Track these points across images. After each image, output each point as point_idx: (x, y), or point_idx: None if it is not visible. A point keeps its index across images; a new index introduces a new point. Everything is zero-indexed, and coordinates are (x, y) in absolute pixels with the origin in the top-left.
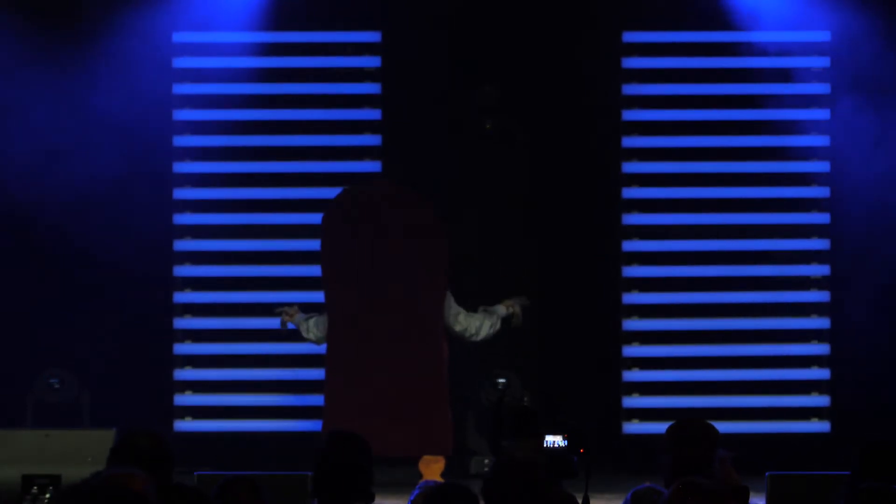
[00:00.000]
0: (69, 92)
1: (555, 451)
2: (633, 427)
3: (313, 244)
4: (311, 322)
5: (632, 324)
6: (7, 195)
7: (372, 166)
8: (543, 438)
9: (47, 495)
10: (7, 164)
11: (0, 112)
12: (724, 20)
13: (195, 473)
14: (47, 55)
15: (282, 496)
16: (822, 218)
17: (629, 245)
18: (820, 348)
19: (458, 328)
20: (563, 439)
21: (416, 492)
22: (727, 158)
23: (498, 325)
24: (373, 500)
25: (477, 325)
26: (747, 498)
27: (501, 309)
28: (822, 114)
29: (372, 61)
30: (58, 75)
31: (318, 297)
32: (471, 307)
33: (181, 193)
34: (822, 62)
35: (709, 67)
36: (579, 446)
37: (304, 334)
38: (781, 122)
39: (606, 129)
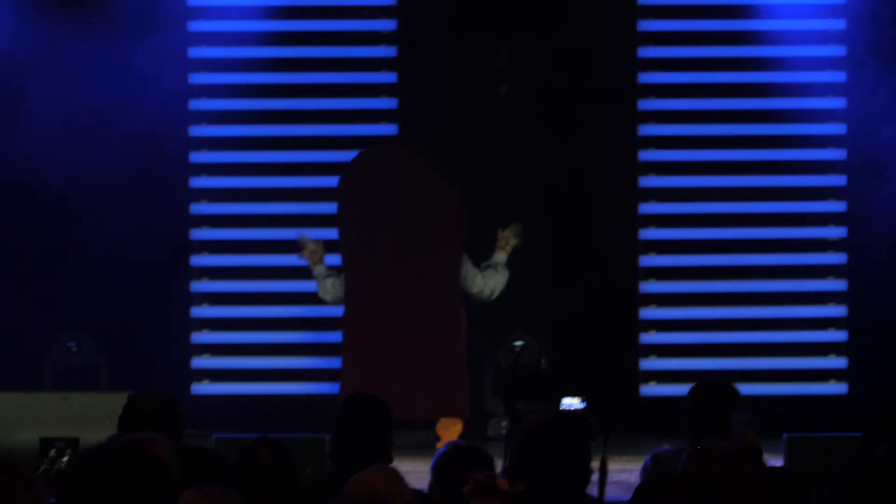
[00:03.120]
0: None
1: (572, 413)
2: (650, 389)
3: (330, 207)
4: (329, 282)
5: (649, 286)
6: (28, 161)
7: (388, 129)
8: (560, 401)
9: (65, 458)
10: (27, 131)
11: (24, 80)
12: None
13: (213, 436)
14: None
15: (299, 458)
16: (839, 180)
17: (646, 207)
18: (838, 310)
19: (474, 289)
20: (581, 401)
21: (438, 453)
22: (744, 121)
23: (507, 275)
24: (391, 462)
25: (492, 284)
26: (761, 460)
27: (501, 256)
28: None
29: (388, 24)
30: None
31: (335, 260)
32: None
33: (197, 157)
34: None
35: (727, 29)
36: (597, 408)
37: (321, 293)
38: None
39: (620, 91)
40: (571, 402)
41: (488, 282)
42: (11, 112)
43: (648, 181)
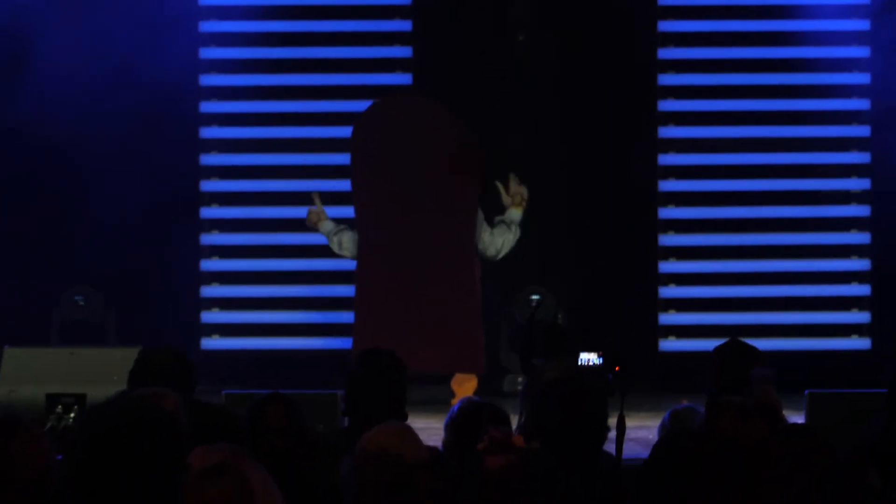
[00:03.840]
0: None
1: (590, 368)
2: (669, 344)
3: (343, 158)
4: (347, 237)
5: (668, 239)
6: (36, 112)
7: (403, 79)
8: (577, 356)
9: (72, 415)
10: (34, 81)
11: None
12: None
13: (223, 392)
14: None
15: (311, 415)
16: (863, 131)
17: (665, 159)
18: (860, 264)
19: (479, 246)
20: (598, 357)
21: (453, 410)
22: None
23: (518, 234)
24: (406, 419)
25: (499, 243)
26: (780, 416)
27: (515, 213)
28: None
29: None
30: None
31: (348, 212)
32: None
33: (208, 107)
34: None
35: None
36: (614, 364)
37: (337, 249)
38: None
39: (643, 40)
40: (588, 358)
41: (495, 240)
42: (20, 61)
43: (667, 132)
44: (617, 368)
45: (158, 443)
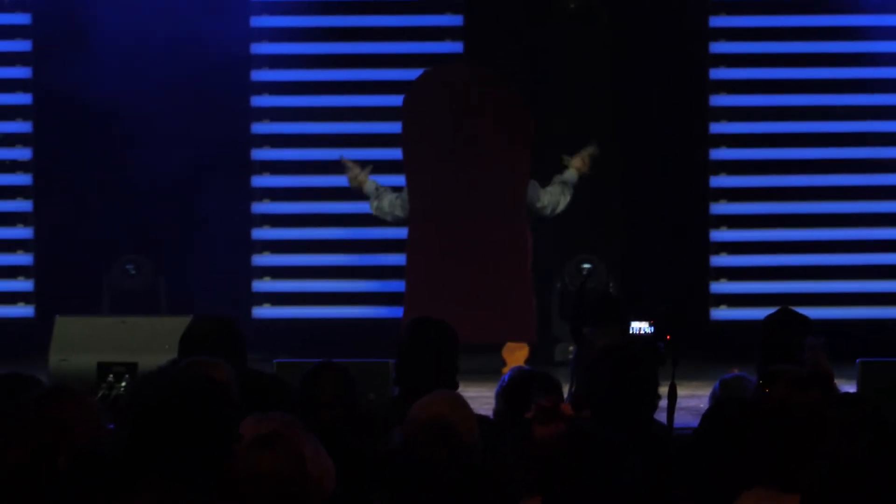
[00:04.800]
0: None
1: (640, 337)
2: (721, 313)
3: (395, 127)
4: (387, 201)
5: (720, 207)
6: (88, 86)
7: (454, 47)
8: (628, 325)
9: (123, 383)
10: (84, 57)
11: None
12: None
13: (274, 361)
14: None
15: (363, 384)
16: None
17: (717, 127)
18: None
19: (537, 205)
20: (650, 325)
21: (504, 379)
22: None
23: (570, 196)
24: (457, 387)
25: (555, 200)
26: (832, 385)
27: (573, 174)
28: None
29: None
30: None
31: (399, 181)
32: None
33: (259, 75)
34: None
35: None
36: (666, 332)
37: (377, 212)
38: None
39: (693, 11)
40: (640, 326)
41: (551, 198)
42: (74, 39)
43: (719, 100)
44: (668, 337)
45: (210, 412)
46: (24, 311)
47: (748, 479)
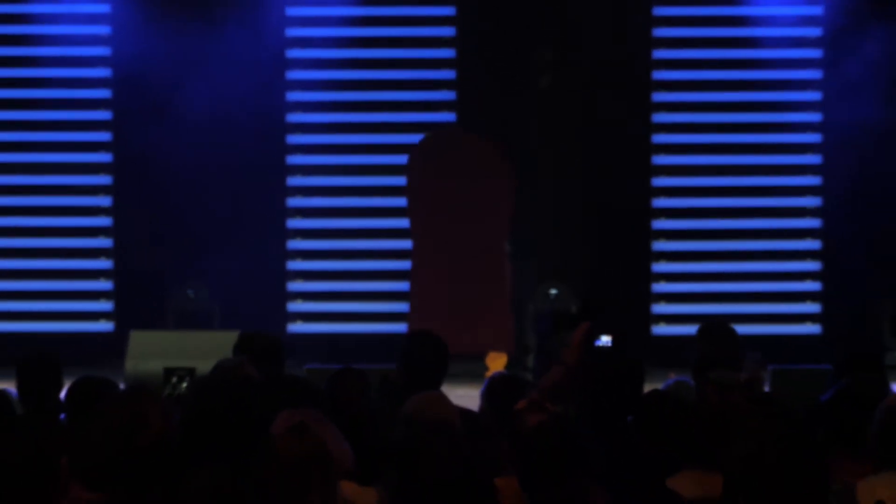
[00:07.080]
0: None
1: (601, 349)
2: (660, 329)
3: (400, 181)
4: None
5: (659, 245)
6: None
7: (448, 117)
8: (596, 339)
9: (184, 384)
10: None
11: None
12: None
13: (305, 367)
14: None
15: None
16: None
17: (659, 181)
18: (812, 265)
19: None
20: (610, 340)
21: (489, 380)
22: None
23: None
24: (438, 387)
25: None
26: (760, 391)
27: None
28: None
29: (447, 31)
30: None
31: (404, 223)
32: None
33: (293, 139)
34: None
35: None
36: (622, 345)
37: None
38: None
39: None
40: (604, 339)
41: None
42: (153, 107)
43: (661, 159)
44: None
45: (239, 398)
46: (105, 326)
47: (681, 461)
